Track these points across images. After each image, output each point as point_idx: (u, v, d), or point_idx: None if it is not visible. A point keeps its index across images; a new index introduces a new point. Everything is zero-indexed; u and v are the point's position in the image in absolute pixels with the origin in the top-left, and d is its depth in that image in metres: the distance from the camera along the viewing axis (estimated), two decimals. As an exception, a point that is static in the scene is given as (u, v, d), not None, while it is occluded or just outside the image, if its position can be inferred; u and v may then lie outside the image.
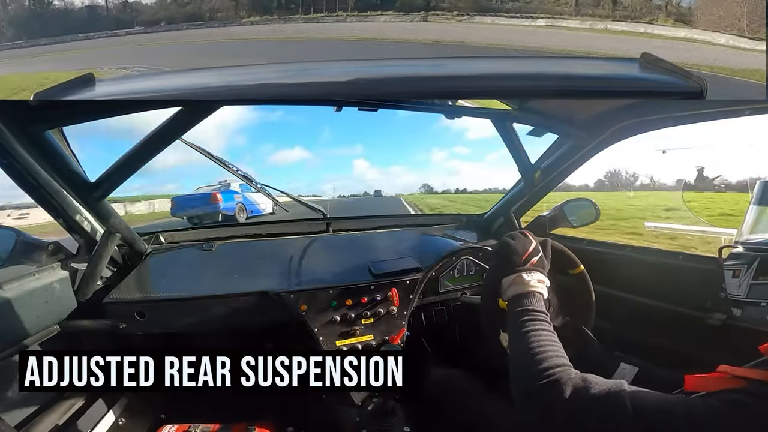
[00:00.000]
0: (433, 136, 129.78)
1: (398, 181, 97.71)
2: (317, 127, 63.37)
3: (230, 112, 32.38)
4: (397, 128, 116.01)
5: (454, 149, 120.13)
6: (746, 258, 0.98)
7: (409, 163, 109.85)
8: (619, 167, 49.40)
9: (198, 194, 10.46)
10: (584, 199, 1.86)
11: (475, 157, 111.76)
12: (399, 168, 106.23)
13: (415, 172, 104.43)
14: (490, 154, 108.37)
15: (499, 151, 72.13)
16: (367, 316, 1.39)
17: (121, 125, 16.99)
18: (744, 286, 0.96)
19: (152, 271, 1.47)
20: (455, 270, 1.59)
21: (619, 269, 1.58)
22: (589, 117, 1.41)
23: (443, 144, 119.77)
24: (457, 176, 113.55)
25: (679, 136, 17.86)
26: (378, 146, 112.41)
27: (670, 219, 9.08)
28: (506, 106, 1.39)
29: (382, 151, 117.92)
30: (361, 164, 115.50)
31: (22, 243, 1.20)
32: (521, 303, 0.87)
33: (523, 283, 0.90)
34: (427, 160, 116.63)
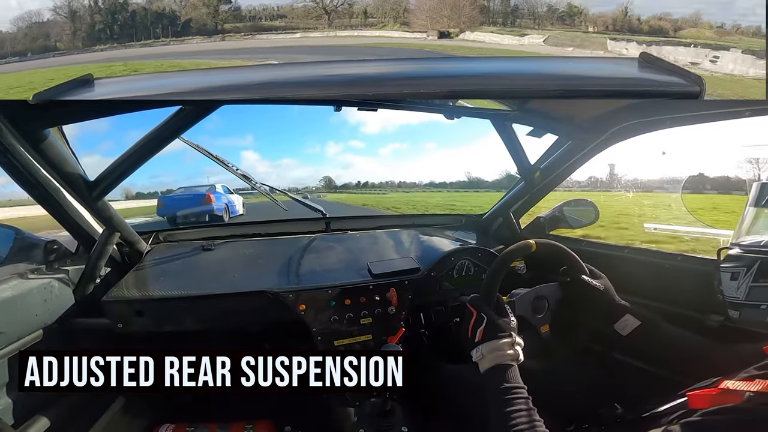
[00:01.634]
0: (328, 129, 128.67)
1: (290, 175, 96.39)
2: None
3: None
4: (290, 120, 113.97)
5: (349, 143, 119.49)
6: (745, 260, 0.97)
7: (301, 156, 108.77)
8: (619, 168, 49.44)
9: (190, 195, 10.16)
10: (583, 199, 1.87)
11: (368, 151, 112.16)
12: (291, 161, 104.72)
13: (308, 165, 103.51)
14: (383, 148, 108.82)
15: (389, 146, 73.50)
16: (366, 316, 1.39)
17: (121, 125, 17.14)
18: (743, 288, 0.95)
19: (151, 269, 1.47)
20: (454, 270, 1.59)
21: (619, 270, 1.58)
22: (588, 118, 1.41)
23: (338, 137, 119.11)
24: (351, 170, 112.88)
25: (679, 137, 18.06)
26: (269, 138, 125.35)
27: (669, 220, 9.08)
28: (505, 107, 1.39)
29: (273, 143, 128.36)
30: (250, 156, 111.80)
31: (21, 241, 1.20)
32: (504, 378, 0.86)
33: (504, 354, 0.89)
34: (320, 154, 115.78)
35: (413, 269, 1.51)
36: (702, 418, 0.60)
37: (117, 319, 1.28)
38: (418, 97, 0.92)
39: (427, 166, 76.86)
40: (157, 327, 1.31)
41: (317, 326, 1.35)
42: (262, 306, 1.35)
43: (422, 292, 1.50)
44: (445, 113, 1.25)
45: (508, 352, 0.89)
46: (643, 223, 8.69)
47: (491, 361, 0.88)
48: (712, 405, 0.61)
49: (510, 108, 1.39)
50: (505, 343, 0.90)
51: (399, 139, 72.84)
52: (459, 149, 66.68)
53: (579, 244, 1.81)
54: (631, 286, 1.47)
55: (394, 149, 72.11)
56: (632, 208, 10.59)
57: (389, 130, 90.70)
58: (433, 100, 1.19)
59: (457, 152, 76.38)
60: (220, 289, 1.36)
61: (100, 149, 40.34)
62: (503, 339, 0.90)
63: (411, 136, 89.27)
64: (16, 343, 1.06)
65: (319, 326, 1.35)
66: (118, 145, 22.20)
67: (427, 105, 1.21)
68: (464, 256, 1.60)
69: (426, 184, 31.32)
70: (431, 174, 65.82)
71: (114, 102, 0.93)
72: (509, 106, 1.39)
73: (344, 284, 1.40)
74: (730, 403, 0.60)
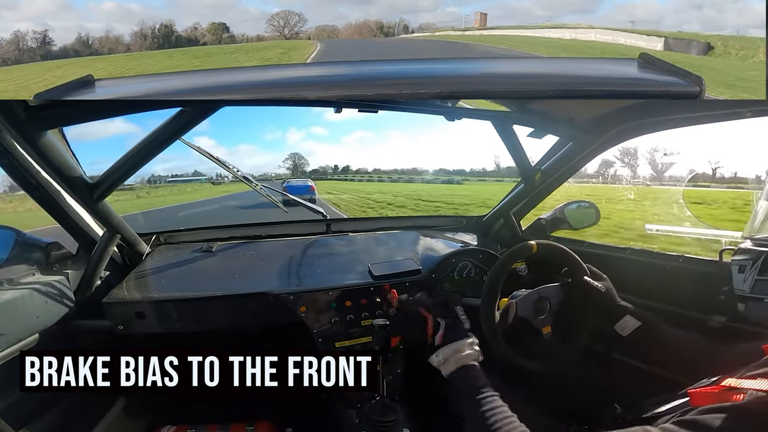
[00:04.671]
0: (291, 115, 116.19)
1: (248, 162, 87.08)
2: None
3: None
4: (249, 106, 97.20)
5: (312, 129, 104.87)
6: (753, 254, 0.98)
7: (260, 142, 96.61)
8: (619, 168, 49.34)
9: (306, 185, 13.78)
10: (584, 201, 1.86)
11: (331, 139, 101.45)
12: (248, 147, 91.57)
13: (267, 152, 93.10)
14: (346, 137, 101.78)
15: (353, 134, 69.94)
16: (367, 317, 1.39)
17: (121, 125, 17.29)
18: (749, 281, 0.96)
19: (152, 271, 1.47)
20: (455, 272, 1.59)
21: (619, 271, 1.58)
22: (589, 119, 1.41)
23: (300, 124, 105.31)
24: (313, 157, 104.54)
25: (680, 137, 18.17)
26: (226, 123, 76.22)
27: (670, 221, 9.05)
28: (506, 108, 1.39)
29: (229, 128, 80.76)
30: (205, 142, 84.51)
31: (21, 243, 1.20)
32: (471, 378, 0.86)
33: (467, 354, 0.90)
34: (280, 140, 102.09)
35: (414, 271, 1.50)
36: (704, 416, 0.60)
37: (117, 320, 1.28)
38: (418, 97, 0.92)
39: (394, 155, 73.43)
40: (157, 329, 1.31)
41: (318, 328, 1.35)
42: (262, 308, 1.34)
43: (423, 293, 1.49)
44: (446, 114, 1.25)
45: (470, 352, 0.90)
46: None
47: (456, 363, 0.89)
48: (714, 403, 0.61)
49: (510, 109, 1.39)
50: (466, 344, 0.91)
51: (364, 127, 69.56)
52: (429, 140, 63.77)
53: (580, 246, 1.81)
54: (633, 287, 1.47)
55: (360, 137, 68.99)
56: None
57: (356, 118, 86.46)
58: (433, 101, 1.18)
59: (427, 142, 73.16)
60: (221, 290, 1.36)
61: (100, 149, 40.42)
62: (464, 339, 0.91)
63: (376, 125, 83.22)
64: (16, 345, 1.06)
65: (319, 328, 1.35)
66: (117, 146, 23.22)
67: (427, 106, 1.21)
68: (465, 257, 1.60)
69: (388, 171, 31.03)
70: (399, 162, 62.69)
71: (114, 103, 0.93)
72: (510, 107, 1.39)
73: (345, 286, 1.40)
74: (732, 401, 0.59)
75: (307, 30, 45.41)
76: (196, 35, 40.34)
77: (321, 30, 47.06)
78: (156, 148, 1.13)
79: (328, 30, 47.62)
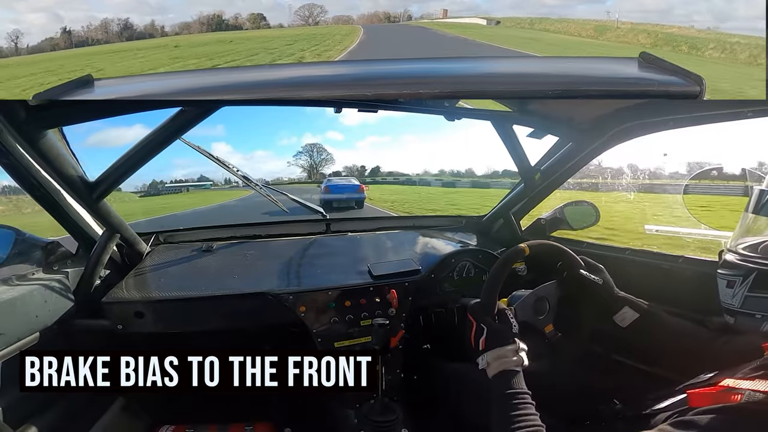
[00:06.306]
0: (306, 120, 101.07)
1: (264, 167, 78.04)
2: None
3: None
4: (264, 110, 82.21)
5: (328, 134, 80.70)
6: (742, 269, 0.95)
7: (275, 148, 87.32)
8: (618, 168, 49.32)
9: (351, 184, 12.48)
10: (584, 201, 1.86)
11: (347, 144, 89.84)
12: (264, 153, 74.89)
13: (282, 158, 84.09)
14: (360, 141, 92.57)
15: (367, 138, 67.91)
16: (366, 317, 1.39)
17: (121, 126, 17.13)
18: (739, 297, 0.93)
19: (151, 271, 1.47)
20: (455, 272, 1.59)
21: (619, 272, 1.57)
22: (588, 119, 1.41)
23: (316, 130, 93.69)
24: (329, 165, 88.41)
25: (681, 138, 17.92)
26: (242, 129, 68.97)
27: (670, 222, 9.05)
28: (506, 108, 1.39)
29: (246, 134, 70.66)
30: (222, 148, 65.70)
31: (21, 242, 1.20)
32: (508, 383, 0.87)
33: (508, 360, 0.90)
34: (296, 146, 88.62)
35: (414, 271, 1.50)
36: (702, 416, 0.60)
37: (117, 320, 1.28)
38: (418, 97, 0.92)
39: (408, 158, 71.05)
40: (157, 328, 1.31)
41: (317, 328, 1.35)
42: (262, 307, 1.34)
43: (423, 293, 1.49)
44: (446, 114, 1.25)
45: (512, 358, 0.90)
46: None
47: (496, 368, 0.90)
48: (712, 403, 0.61)
49: (510, 109, 1.39)
50: (509, 350, 0.91)
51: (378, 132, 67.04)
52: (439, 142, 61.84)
53: (579, 246, 1.81)
54: (632, 287, 1.47)
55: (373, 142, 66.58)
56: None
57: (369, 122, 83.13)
58: (433, 101, 1.18)
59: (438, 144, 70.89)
60: (221, 290, 1.36)
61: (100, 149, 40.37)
62: (507, 346, 0.91)
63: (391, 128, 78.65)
64: (16, 344, 1.06)
65: (319, 328, 1.35)
66: (118, 146, 22.78)
67: (427, 106, 1.21)
68: (465, 257, 1.60)
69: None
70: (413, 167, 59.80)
71: (114, 102, 0.93)
72: (510, 107, 1.38)
73: (345, 286, 1.40)
74: (730, 402, 0.59)
75: (326, 19, 51.17)
76: (238, 23, 45.77)
77: (337, 19, 52.59)
78: (156, 148, 1.13)
79: (344, 19, 53.42)
